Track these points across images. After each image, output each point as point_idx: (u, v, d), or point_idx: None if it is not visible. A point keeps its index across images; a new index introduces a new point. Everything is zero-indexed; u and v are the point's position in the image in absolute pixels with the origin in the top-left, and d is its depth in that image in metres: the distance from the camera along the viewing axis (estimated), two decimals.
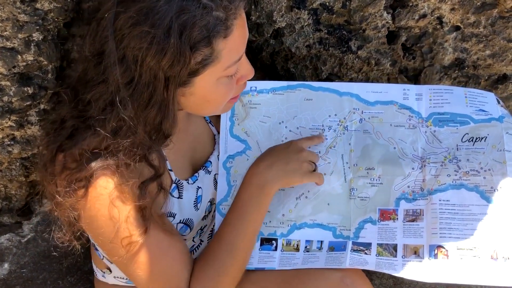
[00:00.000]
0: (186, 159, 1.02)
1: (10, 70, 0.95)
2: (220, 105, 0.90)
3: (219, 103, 0.89)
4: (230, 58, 0.81)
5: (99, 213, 0.83)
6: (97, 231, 0.85)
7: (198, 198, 1.00)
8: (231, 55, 0.81)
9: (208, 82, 0.82)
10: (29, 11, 0.91)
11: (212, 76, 0.82)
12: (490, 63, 1.10)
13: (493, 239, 0.90)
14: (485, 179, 0.93)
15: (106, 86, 0.79)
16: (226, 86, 0.86)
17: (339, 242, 0.97)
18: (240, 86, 0.91)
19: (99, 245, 0.92)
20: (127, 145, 0.81)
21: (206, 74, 0.81)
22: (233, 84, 0.87)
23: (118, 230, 0.83)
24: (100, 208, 0.82)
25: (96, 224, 0.84)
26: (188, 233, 1.00)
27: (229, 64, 0.82)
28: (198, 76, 0.81)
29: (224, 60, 0.80)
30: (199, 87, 0.83)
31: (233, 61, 0.82)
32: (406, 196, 0.97)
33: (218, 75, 0.82)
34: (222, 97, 0.88)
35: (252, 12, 1.11)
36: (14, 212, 1.18)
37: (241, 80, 0.89)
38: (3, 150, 1.04)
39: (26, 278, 1.27)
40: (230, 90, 0.87)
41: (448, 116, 0.98)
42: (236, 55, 0.82)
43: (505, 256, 0.89)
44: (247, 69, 0.88)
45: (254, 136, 1.03)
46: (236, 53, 0.82)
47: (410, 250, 0.93)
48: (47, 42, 0.96)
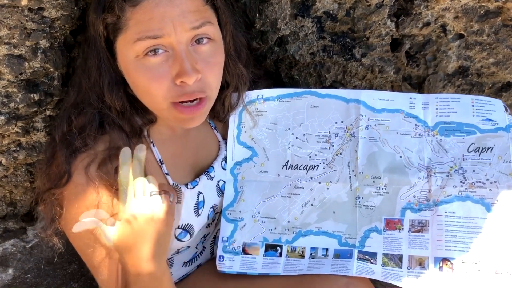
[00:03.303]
0: (186, 164, 1.01)
1: (17, 77, 0.95)
2: (153, 99, 0.85)
3: (149, 94, 0.84)
4: (137, 30, 0.80)
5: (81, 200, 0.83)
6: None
7: (200, 203, 1.00)
8: (138, 28, 0.80)
9: (126, 56, 0.83)
10: (37, 19, 0.91)
11: (127, 50, 0.82)
12: (494, 71, 1.11)
13: (497, 254, 0.90)
14: (491, 192, 0.93)
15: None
16: (151, 72, 0.82)
17: (345, 250, 0.97)
18: (184, 90, 0.83)
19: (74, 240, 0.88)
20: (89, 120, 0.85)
21: (120, 44, 0.84)
22: (164, 76, 0.82)
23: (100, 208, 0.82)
24: (82, 195, 0.83)
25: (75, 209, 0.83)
26: (188, 239, 0.99)
27: (137, 37, 0.80)
28: (116, 44, 0.84)
29: (132, 31, 0.81)
30: (121, 60, 0.85)
31: (142, 36, 0.80)
32: (412, 206, 0.96)
33: (132, 50, 0.81)
34: (148, 84, 0.83)
35: (256, 20, 1.12)
36: (19, 217, 1.18)
37: (177, 77, 0.82)
38: (9, 156, 1.04)
39: (30, 283, 1.27)
40: (158, 79, 0.82)
41: (454, 125, 0.98)
42: (145, 31, 0.80)
43: (509, 271, 0.88)
44: (180, 67, 0.82)
45: (260, 143, 1.04)
46: (144, 27, 0.80)
47: (416, 262, 0.93)
48: (53, 49, 0.97)
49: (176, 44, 0.81)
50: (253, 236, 1.01)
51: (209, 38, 0.85)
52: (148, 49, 0.81)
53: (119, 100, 0.88)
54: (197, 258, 1.10)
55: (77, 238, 0.86)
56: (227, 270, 1.00)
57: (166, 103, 0.85)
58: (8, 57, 0.92)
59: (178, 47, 0.82)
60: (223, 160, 1.05)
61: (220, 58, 0.88)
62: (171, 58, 0.82)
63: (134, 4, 0.80)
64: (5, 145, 1.03)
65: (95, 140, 0.86)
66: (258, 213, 1.02)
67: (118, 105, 0.88)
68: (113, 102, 0.87)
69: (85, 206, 0.83)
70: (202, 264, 1.12)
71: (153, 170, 0.91)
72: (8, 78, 0.94)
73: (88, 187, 0.83)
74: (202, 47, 0.85)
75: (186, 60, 0.82)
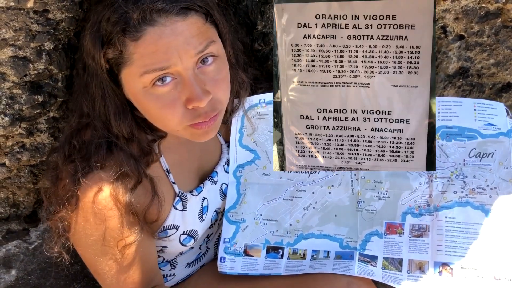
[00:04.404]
0: (192, 170, 1.02)
1: (22, 79, 0.96)
2: (167, 124, 0.85)
3: (162, 120, 0.84)
4: (143, 64, 0.79)
5: (90, 220, 0.84)
6: (88, 240, 0.86)
7: (204, 209, 1.00)
8: (143, 61, 0.79)
9: (133, 87, 0.82)
10: (42, 21, 0.92)
11: (134, 81, 0.81)
12: (494, 71, 1.12)
13: (496, 260, 0.90)
14: (491, 198, 0.93)
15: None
16: (162, 101, 0.81)
17: (346, 252, 0.97)
18: (197, 112, 0.83)
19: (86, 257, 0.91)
20: (95, 148, 0.85)
21: (126, 76, 0.82)
22: (176, 103, 0.82)
23: (109, 235, 0.85)
24: (90, 216, 0.84)
25: (87, 232, 0.85)
26: (192, 243, 1.00)
27: (144, 70, 0.79)
28: (121, 76, 0.83)
29: (137, 65, 0.79)
30: (128, 90, 0.84)
31: (148, 69, 0.79)
32: (413, 210, 0.97)
33: (139, 82, 0.80)
34: (160, 112, 0.83)
35: (258, 22, 1.12)
36: (22, 219, 1.19)
37: (188, 103, 0.81)
38: (12, 157, 1.05)
39: (33, 284, 1.27)
40: (170, 107, 0.82)
41: (456, 130, 0.98)
42: (151, 64, 0.78)
43: (508, 277, 0.89)
44: (190, 92, 0.81)
45: (263, 146, 1.04)
46: (150, 61, 0.78)
47: (415, 266, 0.93)
48: (58, 51, 0.97)
49: (183, 71, 0.80)
50: (255, 238, 1.02)
51: (214, 56, 0.84)
52: (155, 79, 0.80)
53: (127, 127, 0.86)
54: (200, 259, 1.10)
55: (87, 252, 0.88)
56: (229, 271, 1.00)
57: (182, 126, 0.85)
58: (13, 59, 0.93)
59: (185, 73, 0.80)
60: (225, 164, 1.06)
61: (226, 72, 0.87)
62: (179, 85, 0.81)
63: (136, 38, 0.78)
64: (9, 146, 1.03)
65: (102, 165, 0.85)
66: (260, 215, 1.02)
67: (126, 132, 0.86)
68: (120, 130, 0.86)
69: (95, 223, 0.84)
70: (205, 265, 1.12)
71: (161, 180, 0.91)
72: (13, 79, 0.95)
73: (97, 213, 0.84)
74: (208, 67, 0.83)
75: (195, 85, 0.81)
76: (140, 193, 0.87)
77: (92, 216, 0.84)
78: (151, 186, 0.88)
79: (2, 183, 1.09)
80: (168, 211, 0.94)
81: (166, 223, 0.94)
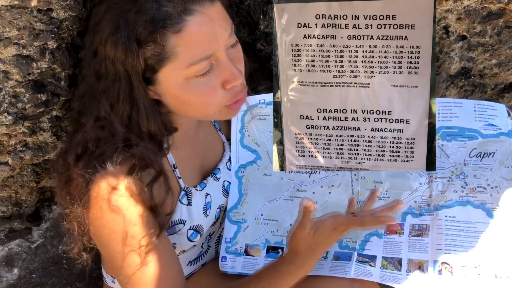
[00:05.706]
0: (195, 166, 1.03)
1: (25, 77, 0.96)
2: (207, 109, 0.87)
3: (203, 107, 0.86)
4: (189, 55, 0.80)
5: (108, 219, 0.84)
6: (108, 238, 0.85)
7: (207, 204, 1.02)
8: (190, 53, 0.79)
9: (173, 81, 0.82)
10: (45, 20, 0.93)
11: (176, 75, 0.82)
12: (496, 72, 1.12)
13: (497, 258, 0.90)
14: (491, 197, 0.93)
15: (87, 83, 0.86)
16: (203, 88, 0.83)
17: (345, 252, 0.97)
18: (234, 91, 0.86)
19: (107, 254, 0.89)
20: (111, 146, 0.84)
21: (166, 72, 0.82)
22: (216, 88, 0.84)
23: (130, 232, 0.83)
24: (109, 214, 0.83)
25: (105, 231, 0.85)
26: (198, 239, 1.01)
27: (191, 62, 0.80)
28: (159, 73, 0.82)
29: (183, 58, 0.80)
30: (166, 86, 0.84)
31: (195, 60, 0.80)
32: (413, 211, 0.97)
33: (183, 74, 0.81)
34: (202, 100, 0.85)
35: (260, 22, 1.13)
36: (24, 218, 1.19)
37: (226, 84, 0.84)
38: (15, 156, 1.06)
39: (35, 283, 1.28)
40: (211, 93, 0.84)
41: (456, 130, 0.98)
42: (198, 54, 0.80)
43: (509, 275, 0.89)
44: (229, 73, 0.84)
45: (264, 146, 1.05)
46: (196, 51, 0.80)
47: (415, 265, 0.93)
48: (61, 50, 0.98)
49: (221, 54, 0.83)
50: (255, 238, 1.02)
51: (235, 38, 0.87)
52: (204, 70, 0.81)
53: (156, 124, 0.87)
54: (201, 257, 1.11)
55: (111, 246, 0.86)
56: (229, 270, 1.01)
57: (220, 108, 0.87)
58: (17, 57, 0.93)
59: (222, 56, 0.83)
60: (228, 161, 1.07)
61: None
62: (216, 69, 0.83)
63: (177, 30, 0.78)
64: (12, 145, 1.04)
65: (121, 161, 0.84)
66: (261, 215, 1.02)
67: (154, 128, 0.87)
68: (150, 127, 0.86)
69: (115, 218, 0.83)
70: (206, 263, 1.12)
71: (169, 175, 0.91)
72: (16, 78, 0.96)
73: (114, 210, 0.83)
74: (234, 49, 0.86)
75: (232, 66, 0.84)
76: (157, 186, 0.88)
77: (109, 211, 0.83)
78: (163, 180, 0.89)
79: (5, 182, 1.10)
80: (175, 206, 0.95)
81: (174, 218, 0.95)
